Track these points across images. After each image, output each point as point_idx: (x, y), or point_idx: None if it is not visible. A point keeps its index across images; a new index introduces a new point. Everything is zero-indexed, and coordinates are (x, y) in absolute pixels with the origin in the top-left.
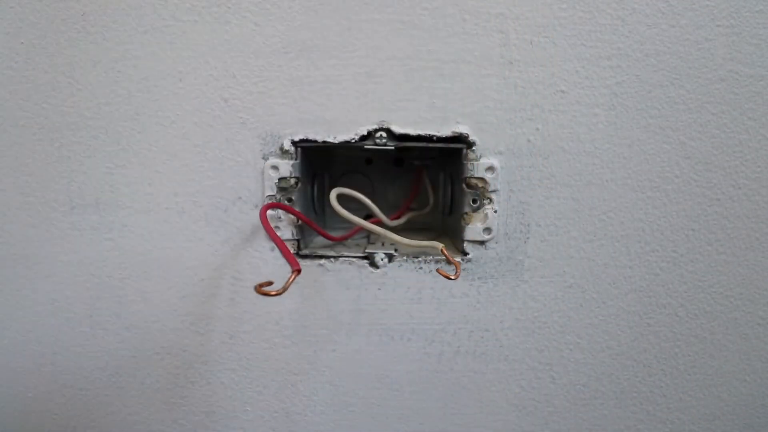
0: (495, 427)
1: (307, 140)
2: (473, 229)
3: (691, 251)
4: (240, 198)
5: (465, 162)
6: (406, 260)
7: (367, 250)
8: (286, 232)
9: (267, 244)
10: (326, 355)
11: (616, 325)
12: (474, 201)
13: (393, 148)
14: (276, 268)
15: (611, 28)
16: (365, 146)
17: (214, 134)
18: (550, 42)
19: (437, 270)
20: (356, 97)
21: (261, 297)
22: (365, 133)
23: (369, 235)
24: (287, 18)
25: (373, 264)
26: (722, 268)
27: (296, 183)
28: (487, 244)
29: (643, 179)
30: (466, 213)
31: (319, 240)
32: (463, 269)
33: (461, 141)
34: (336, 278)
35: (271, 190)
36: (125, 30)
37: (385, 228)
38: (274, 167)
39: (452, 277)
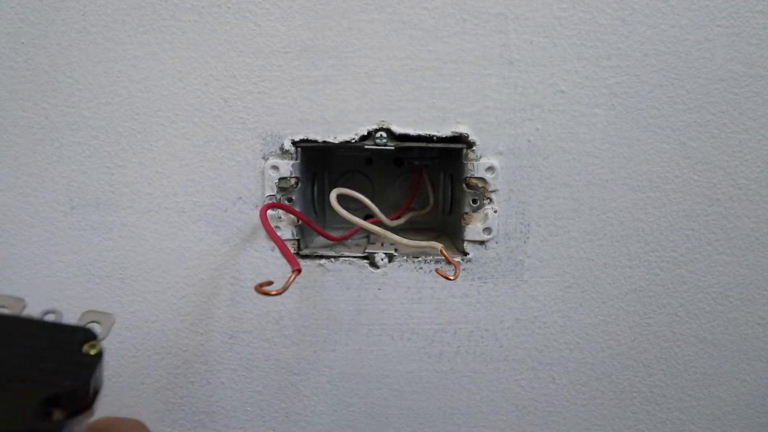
0: (495, 427)
1: (307, 140)
2: (473, 229)
3: (691, 251)
4: (240, 198)
5: (465, 162)
6: (406, 260)
7: (367, 250)
8: (286, 232)
9: (267, 244)
10: (326, 355)
11: (616, 325)
12: (474, 201)
13: (393, 148)
14: (276, 268)
15: (611, 28)
16: (365, 146)
17: (214, 134)
18: (550, 42)
19: (436, 270)
20: (356, 97)
21: (261, 297)
22: (365, 133)
23: (369, 235)
24: (287, 18)
25: (373, 264)
26: (722, 268)
27: (296, 183)
28: (487, 244)
29: (643, 179)
30: (466, 213)
31: (319, 240)
32: (464, 269)
33: (461, 141)
34: (336, 278)
35: (271, 190)
36: (125, 30)
37: (385, 228)
38: (274, 167)
39: (451, 278)
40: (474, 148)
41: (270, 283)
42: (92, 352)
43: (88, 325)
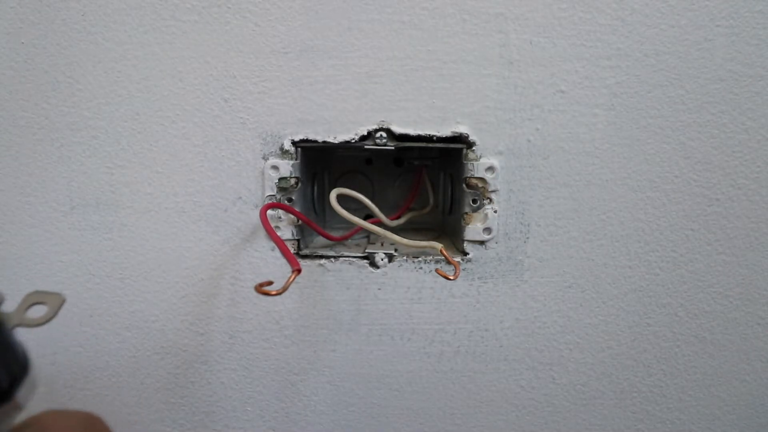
0: (495, 427)
1: (307, 140)
2: (473, 229)
3: (690, 251)
4: (240, 198)
5: (465, 162)
6: (406, 260)
7: (367, 250)
8: (286, 232)
9: (267, 244)
10: (326, 355)
11: (616, 325)
12: (474, 201)
13: (393, 148)
14: (276, 267)
15: (611, 28)
16: (365, 146)
17: (214, 134)
18: (550, 42)
19: (436, 270)
20: (356, 97)
21: (261, 297)
22: (365, 133)
23: (369, 235)
24: (287, 18)
25: (373, 264)
26: (722, 268)
27: (296, 183)
28: (487, 244)
29: (642, 179)
30: (466, 213)
31: (319, 240)
32: (463, 269)
33: (461, 141)
34: (336, 278)
35: (271, 190)
36: (125, 30)
37: (385, 228)
38: (274, 167)
39: (451, 278)
40: (474, 148)
41: (270, 283)
42: None
43: (31, 308)
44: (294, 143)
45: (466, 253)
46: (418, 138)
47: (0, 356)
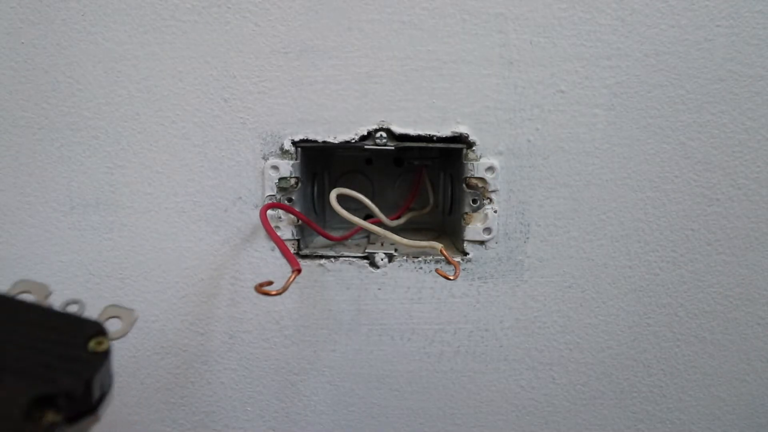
0: (495, 427)
1: (307, 140)
2: (473, 229)
3: (690, 251)
4: (240, 198)
5: (465, 162)
6: (406, 260)
7: (367, 250)
8: (286, 232)
9: (267, 244)
10: (326, 355)
11: (616, 325)
12: (474, 201)
13: (393, 148)
14: (276, 268)
15: (611, 28)
16: (365, 146)
17: (214, 134)
18: (550, 42)
19: (436, 270)
20: (356, 97)
21: (261, 297)
22: (365, 133)
23: (369, 235)
24: (287, 18)
25: (373, 264)
26: (722, 268)
27: (296, 183)
28: (487, 244)
29: (642, 179)
30: (466, 213)
31: (319, 240)
32: (463, 269)
33: (461, 141)
34: (336, 278)
35: (271, 190)
36: (125, 30)
37: (385, 228)
38: (274, 167)
39: (451, 278)
40: (474, 148)
41: (270, 283)
42: (98, 348)
43: (107, 321)
44: (294, 143)
45: (466, 253)
46: (418, 138)
47: (101, 372)
